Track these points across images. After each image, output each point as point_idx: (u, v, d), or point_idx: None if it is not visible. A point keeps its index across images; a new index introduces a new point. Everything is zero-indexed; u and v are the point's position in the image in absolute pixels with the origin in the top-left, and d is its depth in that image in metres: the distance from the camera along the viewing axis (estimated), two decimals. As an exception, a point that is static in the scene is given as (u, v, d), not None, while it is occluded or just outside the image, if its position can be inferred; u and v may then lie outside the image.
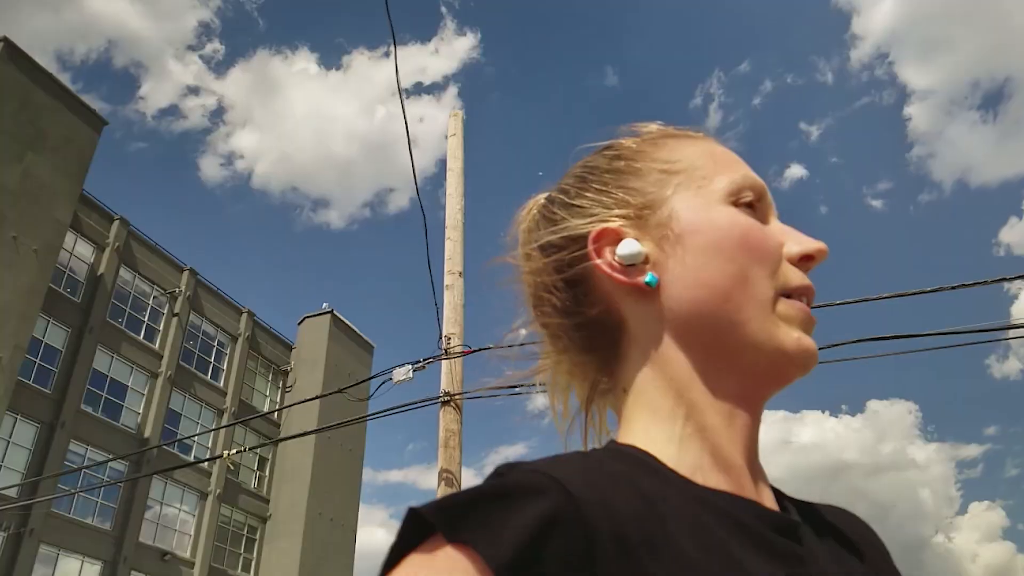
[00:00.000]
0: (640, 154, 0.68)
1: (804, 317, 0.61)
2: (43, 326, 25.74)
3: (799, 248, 0.63)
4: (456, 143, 9.78)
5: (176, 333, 30.93)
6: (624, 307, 0.63)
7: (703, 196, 0.63)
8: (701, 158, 0.66)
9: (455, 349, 8.16)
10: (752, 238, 0.61)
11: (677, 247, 0.62)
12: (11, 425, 24.15)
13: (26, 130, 24.93)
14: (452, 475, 7.86)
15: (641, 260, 0.62)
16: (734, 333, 0.59)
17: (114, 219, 29.36)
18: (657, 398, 0.60)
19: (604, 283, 0.64)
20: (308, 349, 37.33)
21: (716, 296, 0.59)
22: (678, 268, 0.61)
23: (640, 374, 0.62)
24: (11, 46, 25.02)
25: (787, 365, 0.60)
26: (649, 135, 0.71)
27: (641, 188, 0.66)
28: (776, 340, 0.59)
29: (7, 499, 20.90)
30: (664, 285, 0.61)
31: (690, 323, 0.60)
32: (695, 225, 0.62)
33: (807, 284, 0.62)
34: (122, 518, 27.28)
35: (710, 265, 0.60)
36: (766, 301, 0.59)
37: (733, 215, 0.62)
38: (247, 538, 33.03)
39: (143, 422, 28.95)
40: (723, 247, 0.60)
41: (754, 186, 0.64)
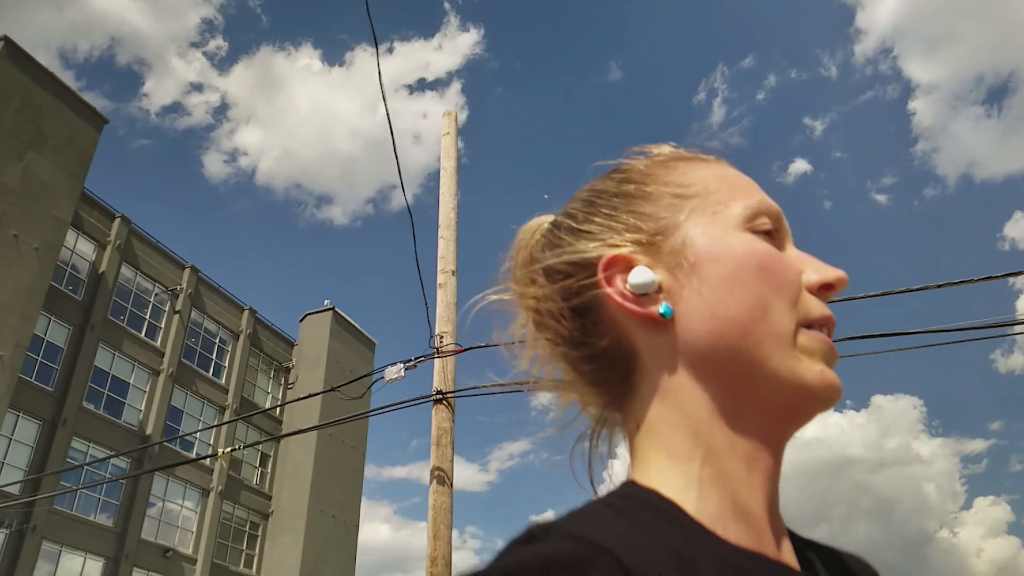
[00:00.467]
0: (651, 177, 0.66)
1: (826, 349, 0.58)
2: (45, 324, 25.84)
3: (819, 277, 0.60)
4: (449, 142, 9.83)
5: (177, 330, 31.02)
6: (636, 338, 0.61)
7: (719, 222, 0.61)
8: (715, 182, 0.64)
9: (447, 348, 8.20)
10: (771, 267, 0.59)
11: (692, 276, 0.59)
12: (13, 423, 24.26)
13: (27, 129, 25.01)
14: (444, 473, 7.91)
15: (654, 289, 0.59)
16: (754, 368, 0.56)
17: (115, 217, 29.45)
18: (674, 437, 0.57)
19: (614, 313, 0.61)
20: (310, 346, 37.43)
21: (735, 329, 0.56)
22: (694, 298, 0.58)
23: (654, 410, 0.59)
24: (11, 45, 25.09)
25: (810, 401, 0.57)
26: (660, 157, 0.68)
27: (653, 213, 0.63)
28: (798, 375, 0.56)
29: (9, 496, 21.04)
30: (679, 316, 0.58)
31: (707, 357, 0.57)
32: (711, 253, 0.59)
33: (828, 315, 0.59)
34: (124, 515, 27.40)
35: (728, 296, 0.57)
36: (787, 334, 0.57)
37: (751, 242, 0.60)
38: (249, 534, 33.15)
39: (145, 419, 29.06)
40: (741, 276, 0.58)
41: (770, 212, 0.62)
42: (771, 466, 0.57)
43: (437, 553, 7.45)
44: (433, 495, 7.74)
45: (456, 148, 9.73)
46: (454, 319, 8.48)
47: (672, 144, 0.70)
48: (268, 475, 34.85)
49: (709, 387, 0.57)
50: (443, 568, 7.40)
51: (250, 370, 34.98)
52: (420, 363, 8.52)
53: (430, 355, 8.12)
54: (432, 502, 7.71)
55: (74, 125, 26.80)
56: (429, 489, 7.88)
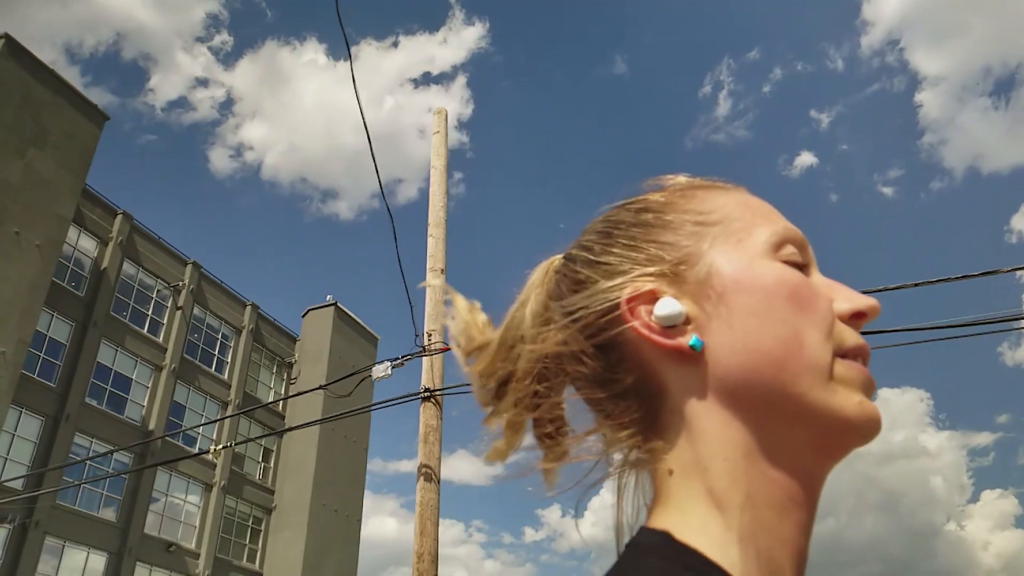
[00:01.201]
0: (669, 206, 0.63)
1: (864, 379, 0.56)
2: (47, 320, 25.98)
3: (850, 305, 0.58)
4: (439, 140, 9.82)
5: (180, 326, 31.15)
6: (663, 373, 0.58)
7: (743, 250, 0.59)
8: (736, 209, 0.62)
9: (435, 346, 8.25)
10: (803, 296, 0.56)
11: (720, 307, 0.56)
12: (16, 418, 24.43)
13: (28, 126, 25.12)
14: (431, 470, 7.96)
15: (681, 321, 0.57)
16: (790, 404, 0.53)
17: (117, 213, 29.56)
18: (711, 481, 0.54)
19: (640, 347, 0.59)
20: (312, 341, 37.55)
21: (770, 363, 0.54)
22: (724, 330, 0.56)
23: (687, 451, 0.56)
24: (12, 42, 25.17)
25: (849, 435, 0.55)
26: (676, 187, 0.66)
27: (675, 242, 0.61)
28: (837, 408, 0.53)
29: (13, 492, 21.18)
30: (709, 349, 0.56)
31: (740, 393, 0.55)
32: (739, 282, 0.57)
33: (862, 344, 0.57)
34: (127, 510, 27.59)
35: (760, 328, 0.55)
36: (824, 366, 0.54)
37: (780, 271, 0.57)
38: (252, 529, 33.34)
39: (147, 415, 29.22)
40: (773, 307, 0.55)
41: (795, 238, 0.60)
42: (805, 516, 0.54)
43: (424, 549, 7.50)
44: (420, 492, 7.80)
45: (446, 147, 9.73)
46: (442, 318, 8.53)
47: (687, 175, 0.68)
48: (271, 470, 35.01)
49: (742, 425, 0.55)
50: (429, 564, 7.46)
51: (252, 365, 35.12)
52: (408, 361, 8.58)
53: (417, 353, 8.18)
54: (419, 499, 7.77)
55: (75, 122, 26.90)
56: (416, 486, 7.94)
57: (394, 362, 8.24)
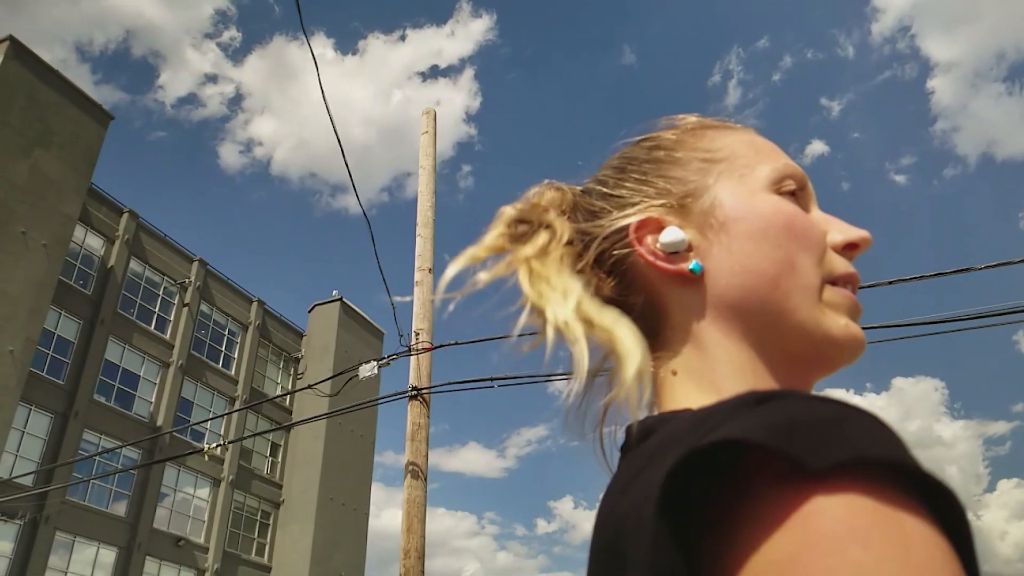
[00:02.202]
0: (680, 144, 0.68)
1: (851, 305, 0.61)
2: (55, 318, 26.27)
3: (843, 237, 0.63)
4: (428, 141, 9.93)
5: (187, 323, 31.43)
6: (666, 295, 0.63)
7: (746, 184, 0.64)
8: (742, 147, 0.67)
9: (422, 345, 8.38)
10: (798, 225, 0.61)
11: (721, 234, 0.62)
12: (25, 416, 24.74)
13: (33, 127, 25.36)
14: (418, 467, 8.11)
15: (684, 248, 0.62)
16: (783, 320, 0.59)
17: (123, 212, 29.82)
18: (718, 380, 0.59)
19: (646, 272, 0.64)
20: (318, 337, 37.78)
21: (765, 282, 0.59)
22: (723, 255, 0.61)
23: (692, 357, 0.61)
24: (17, 44, 25.39)
25: (835, 352, 0.60)
26: (688, 125, 0.71)
27: (682, 177, 0.66)
28: (824, 327, 0.59)
29: (23, 488, 21.46)
30: (709, 272, 0.61)
31: (739, 309, 0.60)
32: (740, 212, 0.62)
33: (852, 272, 0.62)
34: (136, 505, 27.92)
35: (757, 252, 0.60)
36: (813, 288, 0.60)
37: (777, 202, 0.62)
38: (260, 523, 33.65)
39: (155, 411, 29.52)
40: (769, 234, 0.61)
41: (795, 175, 0.65)
42: None
43: (410, 546, 7.64)
44: (407, 489, 7.93)
45: (434, 147, 9.83)
46: (430, 317, 8.65)
47: (698, 114, 0.72)
48: (279, 464, 35.30)
49: (740, 338, 0.60)
50: (416, 560, 7.60)
51: (259, 361, 35.39)
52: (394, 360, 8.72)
53: (403, 353, 8.31)
54: (406, 496, 7.90)
55: (80, 122, 27.12)
56: (404, 483, 8.08)
57: (380, 362, 8.37)
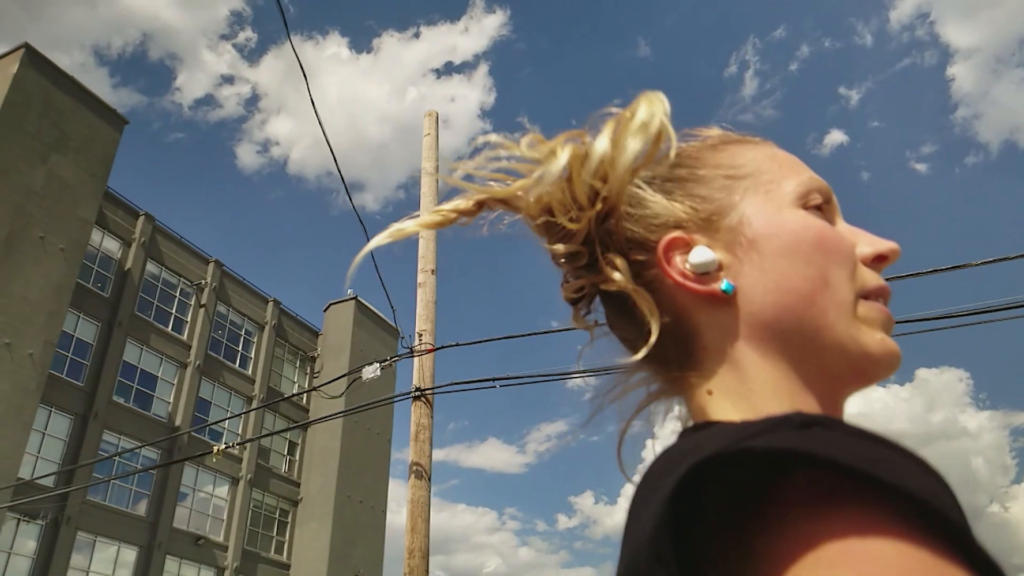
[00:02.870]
0: (702, 160, 0.67)
1: (885, 319, 0.61)
2: (73, 321, 26.64)
3: (872, 249, 0.63)
4: (430, 143, 10.01)
5: (204, 323, 31.75)
6: (697, 315, 0.62)
7: (772, 200, 0.63)
8: (765, 162, 0.66)
9: (424, 346, 8.47)
10: (828, 240, 0.61)
11: (751, 252, 0.61)
12: (46, 417, 25.12)
13: (49, 132, 25.70)
14: (422, 467, 8.20)
15: (714, 268, 0.61)
16: (819, 337, 0.58)
17: (139, 214, 30.16)
18: (756, 400, 0.58)
19: (675, 292, 0.63)
20: (334, 335, 38.06)
21: (799, 300, 0.58)
22: (755, 273, 0.60)
23: (729, 377, 0.60)
24: (32, 51, 25.73)
25: (873, 368, 0.59)
26: (709, 141, 0.70)
27: (707, 195, 0.65)
28: (860, 343, 0.59)
29: (44, 488, 21.79)
30: (741, 291, 0.60)
31: (774, 328, 0.59)
32: (769, 229, 0.61)
33: (883, 285, 0.62)
34: (156, 504, 28.28)
35: (789, 269, 0.59)
36: (848, 304, 0.59)
37: (805, 217, 0.62)
38: (279, 521, 33.97)
39: (174, 411, 29.87)
40: (800, 250, 0.60)
41: (821, 188, 0.64)
42: None
43: (415, 545, 7.73)
44: (411, 489, 8.03)
45: (437, 149, 9.91)
46: (433, 317, 8.74)
47: (719, 126, 0.72)
48: (296, 463, 35.60)
49: (776, 357, 0.59)
50: (420, 560, 7.69)
51: (276, 360, 35.69)
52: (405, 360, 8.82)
53: (405, 355, 8.41)
54: (410, 496, 8.00)
55: (95, 127, 27.45)
56: (408, 483, 8.17)
57: (383, 363, 8.47)
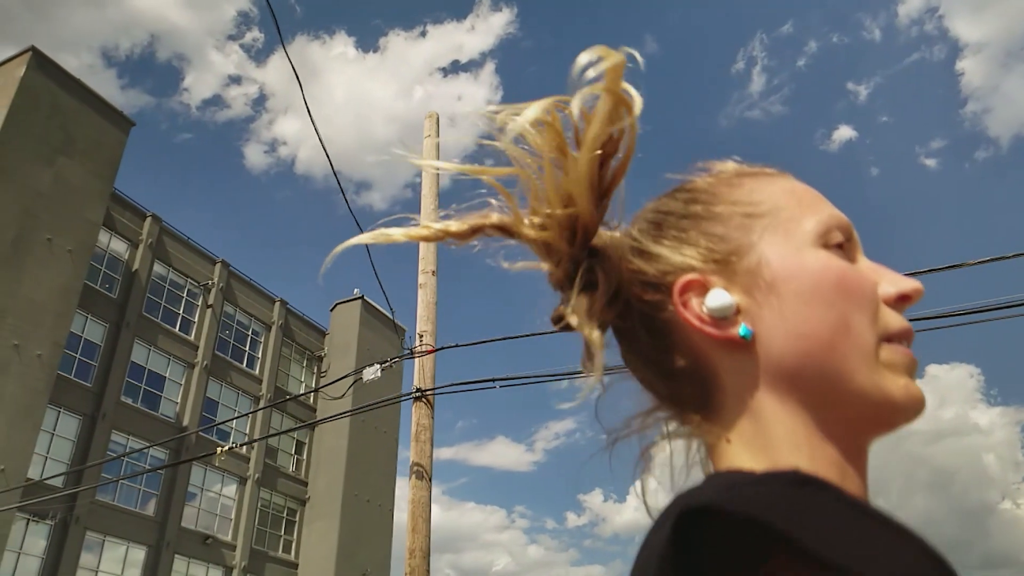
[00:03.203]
0: (718, 197, 0.65)
1: (909, 362, 0.58)
2: (81, 322, 26.80)
3: (895, 289, 0.60)
4: (430, 144, 10.04)
5: (211, 324, 31.89)
6: (715, 359, 0.60)
7: (791, 240, 0.61)
8: (784, 198, 0.63)
9: (424, 347, 8.52)
10: (849, 282, 0.59)
11: (770, 296, 0.59)
12: (55, 418, 25.29)
13: (56, 135, 25.85)
14: (423, 468, 8.25)
15: (732, 312, 0.59)
16: (841, 385, 0.56)
17: (146, 216, 30.31)
18: (772, 451, 0.56)
19: (692, 334, 0.61)
20: (340, 335, 38.17)
21: (820, 347, 0.56)
22: (774, 318, 0.58)
23: (748, 426, 0.58)
24: (39, 54, 25.87)
25: (896, 415, 0.57)
26: (724, 175, 0.67)
27: (724, 234, 0.63)
28: (884, 390, 0.56)
29: (53, 489, 21.96)
30: (760, 336, 0.58)
31: (794, 375, 0.57)
32: (788, 271, 0.59)
33: (907, 327, 0.59)
34: (164, 504, 28.44)
35: (810, 314, 0.57)
36: (871, 349, 0.57)
37: (826, 258, 0.59)
38: (287, 520, 34.12)
39: (181, 411, 30.02)
40: (821, 293, 0.58)
41: (841, 225, 0.62)
42: (861, 482, 0.57)
43: (415, 546, 7.78)
44: (412, 490, 8.08)
45: (438, 151, 9.95)
46: (434, 318, 8.78)
47: (736, 159, 0.69)
48: (304, 462, 35.74)
49: (795, 405, 0.57)
50: (421, 560, 7.74)
51: (283, 360, 35.83)
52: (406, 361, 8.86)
53: (405, 356, 8.45)
54: (411, 496, 8.05)
55: (102, 129, 27.60)
56: (409, 484, 8.22)
57: (383, 365, 8.51)
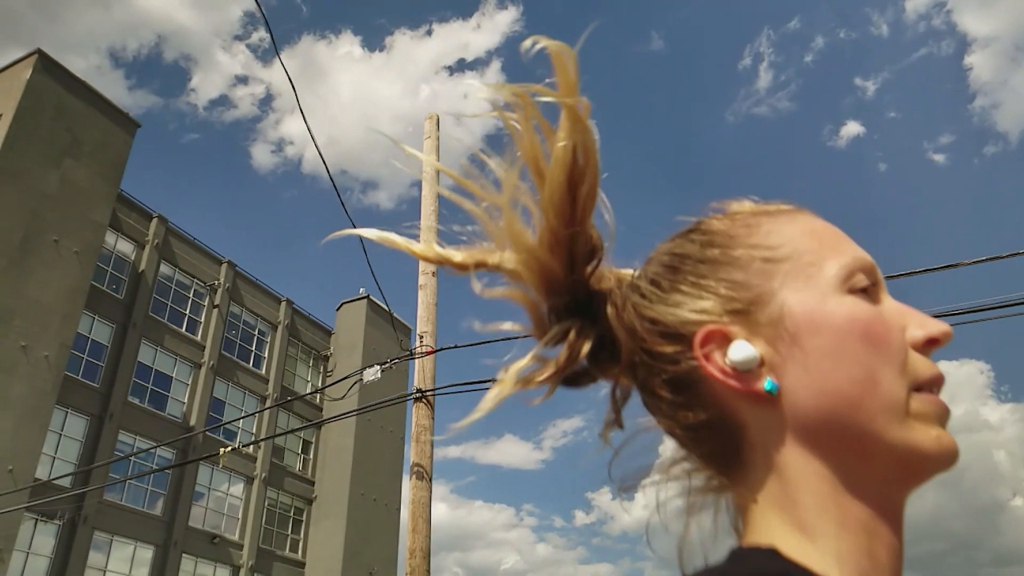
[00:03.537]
0: (735, 240, 0.62)
1: (940, 411, 0.56)
2: (88, 323, 26.94)
3: (923, 333, 0.58)
4: (430, 146, 10.07)
5: (217, 324, 32.02)
6: (741, 412, 0.58)
7: (814, 286, 0.58)
8: (804, 240, 0.61)
9: (424, 348, 8.56)
10: (876, 332, 0.56)
11: (794, 348, 0.56)
12: (62, 419, 25.44)
13: (63, 137, 26.00)
14: (423, 468, 8.29)
15: (756, 364, 0.57)
16: (869, 444, 0.54)
17: (152, 217, 30.47)
18: (800, 513, 0.55)
19: (715, 386, 0.59)
20: (346, 334, 38.28)
21: (846, 404, 0.54)
22: (799, 372, 0.56)
23: (774, 485, 0.56)
24: (45, 57, 26.03)
25: (928, 468, 0.55)
26: (740, 216, 0.65)
27: (744, 281, 0.60)
28: (915, 444, 0.54)
29: (61, 489, 22.08)
30: (786, 391, 0.56)
31: (819, 433, 0.55)
32: (813, 323, 0.57)
33: (938, 373, 0.57)
34: (172, 504, 28.58)
35: (836, 369, 0.55)
36: (900, 403, 0.54)
37: (851, 307, 0.57)
38: (294, 519, 34.23)
39: (188, 411, 30.16)
40: (847, 347, 0.55)
41: (865, 267, 0.59)
42: (895, 540, 0.55)
43: (416, 546, 7.82)
44: (412, 490, 8.12)
45: (438, 152, 9.98)
46: (434, 319, 8.82)
47: (751, 198, 0.67)
48: (311, 461, 35.86)
49: (824, 462, 0.55)
50: (421, 560, 7.78)
51: (289, 359, 35.96)
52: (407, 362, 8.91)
53: (405, 356, 8.50)
54: (411, 497, 8.09)
55: (108, 131, 27.74)
56: (409, 484, 8.27)
57: (383, 366, 8.55)
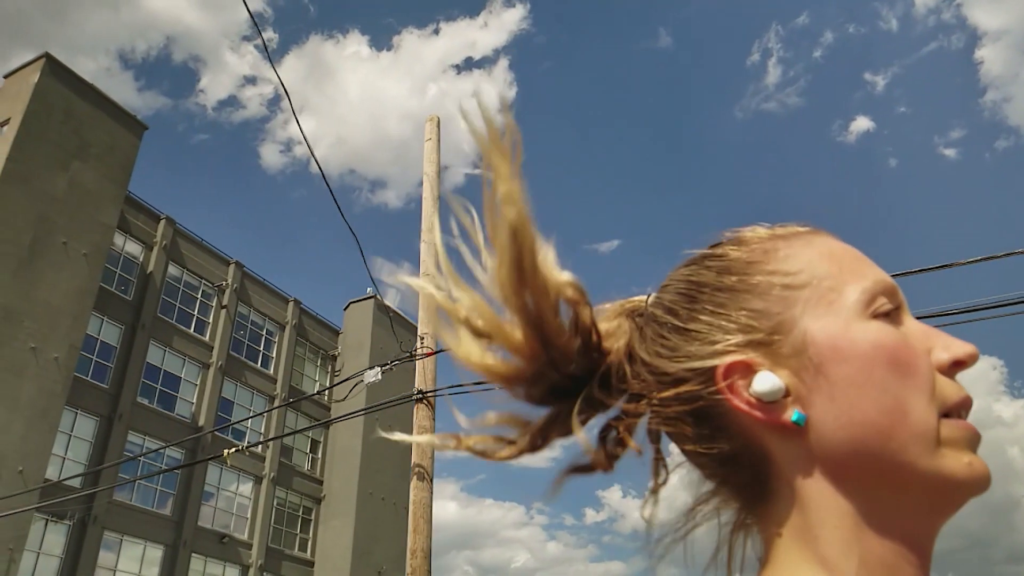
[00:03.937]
0: (752, 266, 0.61)
1: (970, 436, 0.55)
2: (97, 324, 27.12)
3: (949, 355, 0.57)
4: (431, 147, 10.11)
5: (225, 324, 32.18)
6: (768, 443, 0.57)
7: (836, 313, 0.57)
8: (823, 264, 0.59)
9: (424, 350, 8.62)
10: (903, 359, 0.55)
11: (819, 378, 0.55)
12: (72, 420, 25.63)
13: (71, 140, 26.17)
14: (424, 469, 8.37)
15: (781, 395, 0.55)
16: (900, 474, 0.53)
17: (160, 218, 30.62)
18: (823, 547, 0.54)
19: (741, 418, 0.57)
20: (354, 334, 38.38)
21: (876, 435, 0.53)
22: (825, 403, 0.54)
23: (798, 517, 0.55)
24: (53, 61, 26.21)
25: (961, 496, 0.54)
26: (756, 241, 0.63)
27: (765, 309, 0.58)
28: (947, 472, 0.53)
29: (71, 489, 22.24)
30: (812, 422, 0.55)
31: (848, 464, 0.54)
32: (837, 351, 0.55)
33: (966, 397, 0.56)
34: (181, 503, 28.74)
35: (863, 399, 0.53)
36: (931, 432, 0.53)
37: (876, 333, 0.55)
38: (303, 519, 34.39)
39: (197, 411, 30.32)
40: (874, 376, 0.54)
41: (887, 290, 0.58)
42: (917, 570, 0.54)
43: (416, 546, 7.88)
44: (414, 491, 8.18)
45: (438, 154, 10.01)
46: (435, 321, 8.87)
47: (764, 224, 0.65)
48: (319, 461, 35.99)
49: (852, 493, 0.54)
50: (422, 560, 7.84)
51: (297, 359, 36.08)
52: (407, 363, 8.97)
53: (406, 358, 8.55)
54: (413, 497, 8.15)
55: (116, 133, 27.91)
56: (410, 485, 8.33)
57: (384, 367, 8.61)
